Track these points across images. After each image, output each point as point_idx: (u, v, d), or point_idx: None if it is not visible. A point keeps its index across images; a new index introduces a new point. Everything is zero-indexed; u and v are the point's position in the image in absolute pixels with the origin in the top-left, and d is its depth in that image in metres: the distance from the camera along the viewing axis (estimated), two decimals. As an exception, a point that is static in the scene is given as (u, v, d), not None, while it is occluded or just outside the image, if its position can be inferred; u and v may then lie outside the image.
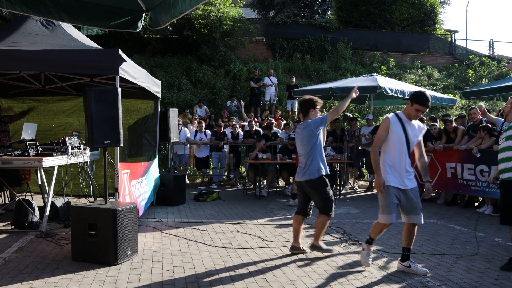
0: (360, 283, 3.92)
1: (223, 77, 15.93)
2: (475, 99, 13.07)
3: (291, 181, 9.61)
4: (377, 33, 20.78)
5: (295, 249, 4.82)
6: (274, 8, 25.24)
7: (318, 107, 4.73)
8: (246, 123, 11.30)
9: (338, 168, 9.77)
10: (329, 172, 4.75)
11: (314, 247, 4.78)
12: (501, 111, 8.12)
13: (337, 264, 4.47)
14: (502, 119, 7.27)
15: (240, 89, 15.62)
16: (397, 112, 4.16)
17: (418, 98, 3.99)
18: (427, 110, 4.06)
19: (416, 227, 4.17)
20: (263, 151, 8.99)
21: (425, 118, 9.52)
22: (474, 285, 3.88)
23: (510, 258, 4.42)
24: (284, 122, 11.93)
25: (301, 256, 4.73)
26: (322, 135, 4.73)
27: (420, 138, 4.15)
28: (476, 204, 7.99)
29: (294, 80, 13.92)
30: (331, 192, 4.70)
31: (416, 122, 4.14)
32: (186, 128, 10.61)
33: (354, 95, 4.70)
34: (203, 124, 10.56)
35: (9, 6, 3.09)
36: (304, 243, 5.25)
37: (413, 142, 4.08)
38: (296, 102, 13.79)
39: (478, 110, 7.79)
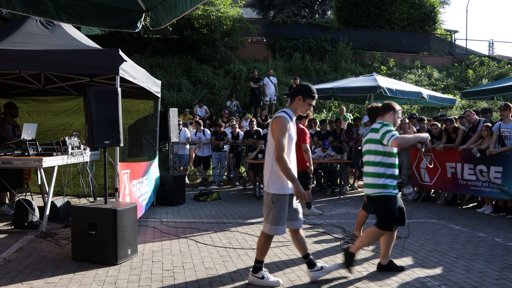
0: (360, 283, 3.92)
1: (223, 77, 15.93)
2: (475, 99, 13.08)
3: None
4: (377, 33, 20.78)
5: None
6: (274, 8, 25.25)
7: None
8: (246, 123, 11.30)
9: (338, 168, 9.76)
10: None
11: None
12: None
13: (337, 264, 4.46)
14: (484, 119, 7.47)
15: (240, 89, 15.61)
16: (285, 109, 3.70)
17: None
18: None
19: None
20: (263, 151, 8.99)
21: (425, 118, 9.50)
22: (474, 285, 3.88)
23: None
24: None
25: (301, 256, 4.71)
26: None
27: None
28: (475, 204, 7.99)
29: (298, 82, 13.85)
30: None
31: None
32: (186, 128, 10.61)
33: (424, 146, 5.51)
34: (201, 123, 10.56)
35: (9, 6, 3.10)
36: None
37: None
38: None
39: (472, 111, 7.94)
